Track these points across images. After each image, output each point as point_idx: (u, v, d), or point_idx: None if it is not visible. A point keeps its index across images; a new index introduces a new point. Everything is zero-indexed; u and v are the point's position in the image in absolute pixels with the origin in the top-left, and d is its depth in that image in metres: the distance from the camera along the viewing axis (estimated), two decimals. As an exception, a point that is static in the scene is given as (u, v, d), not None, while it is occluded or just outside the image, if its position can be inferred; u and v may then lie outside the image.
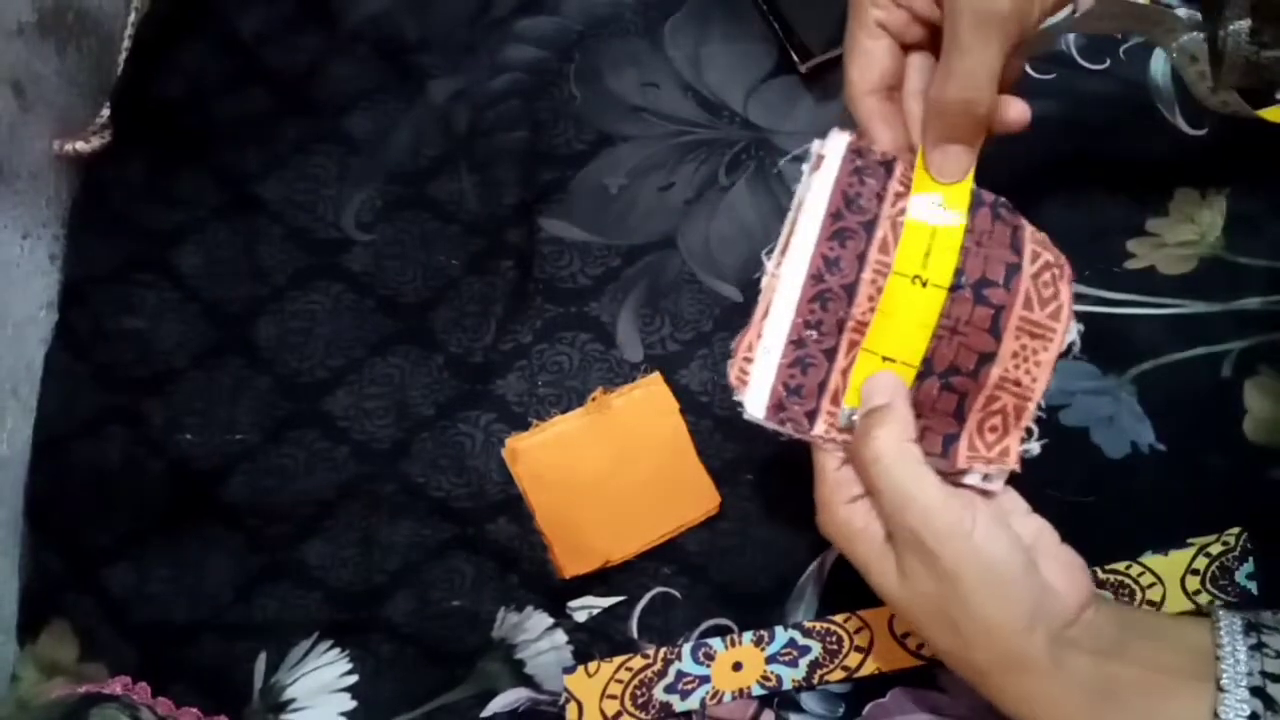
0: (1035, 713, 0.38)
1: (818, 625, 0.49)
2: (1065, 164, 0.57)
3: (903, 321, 0.36)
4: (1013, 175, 0.46)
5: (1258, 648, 0.38)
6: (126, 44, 0.61)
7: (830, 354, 0.36)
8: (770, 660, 0.49)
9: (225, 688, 0.51)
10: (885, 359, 0.36)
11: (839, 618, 0.49)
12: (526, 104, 0.60)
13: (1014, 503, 0.40)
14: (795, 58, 0.60)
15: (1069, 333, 0.37)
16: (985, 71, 0.38)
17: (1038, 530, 0.40)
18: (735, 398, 0.38)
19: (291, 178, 0.60)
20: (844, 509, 0.39)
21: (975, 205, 0.37)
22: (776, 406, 0.37)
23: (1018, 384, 0.35)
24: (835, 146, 0.37)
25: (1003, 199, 0.38)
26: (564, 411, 0.54)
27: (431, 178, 0.59)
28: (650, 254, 0.57)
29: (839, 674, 0.48)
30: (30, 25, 0.56)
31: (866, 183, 0.36)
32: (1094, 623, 0.39)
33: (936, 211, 0.35)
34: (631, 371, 0.55)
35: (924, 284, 0.35)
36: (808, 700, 0.49)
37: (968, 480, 0.37)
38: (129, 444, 0.55)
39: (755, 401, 0.37)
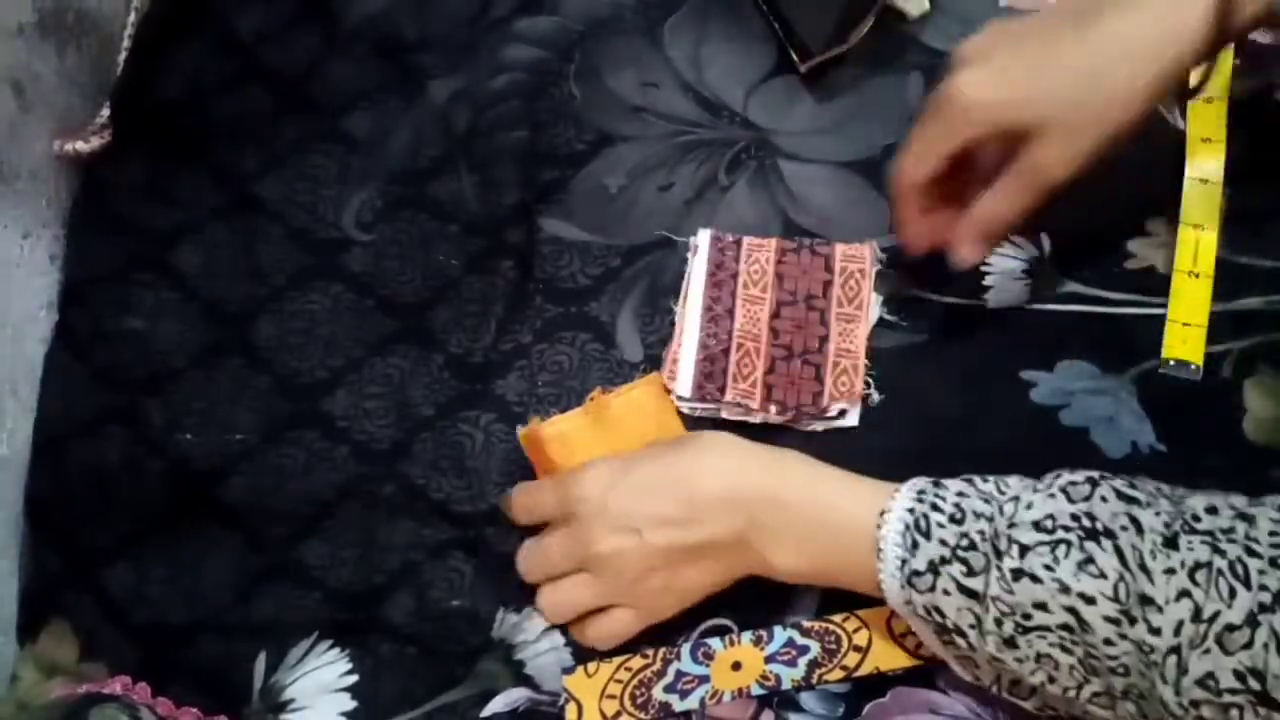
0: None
1: (816, 625, 0.49)
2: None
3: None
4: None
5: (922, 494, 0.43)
6: (126, 44, 0.61)
7: (725, 353, 0.54)
8: (769, 660, 0.49)
9: (225, 688, 0.51)
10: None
11: (838, 617, 0.49)
12: (526, 104, 0.60)
13: None
14: (795, 57, 0.60)
15: (873, 309, 0.55)
16: (1020, 212, 0.47)
17: None
18: (670, 388, 0.54)
19: (291, 177, 0.60)
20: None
21: (798, 248, 0.56)
22: (698, 387, 0.54)
23: (848, 352, 0.54)
24: (704, 239, 0.57)
25: (817, 239, 0.57)
26: (564, 411, 0.54)
27: (431, 178, 0.59)
28: (650, 254, 0.57)
29: (838, 673, 0.48)
30: (30, 25, 0.56)
31: (726, 254, 0.56)
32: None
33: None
34: (631, 371, 0.55)
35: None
36: (807, 700, 0.49)
37: (832, 411, 0.53)
38: (128, 444, 0.55)
39: (683, 388, 0.54)
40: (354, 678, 0.51)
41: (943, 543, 0.41)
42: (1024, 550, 0.39)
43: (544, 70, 0.61)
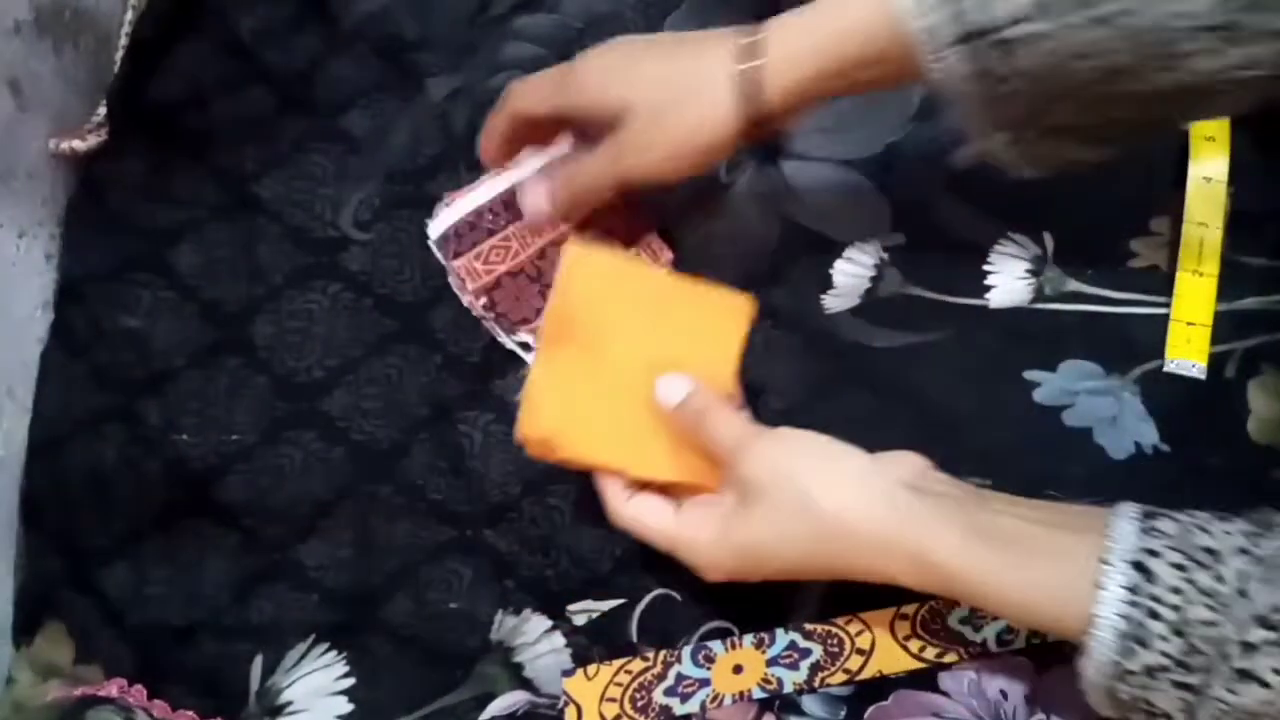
0: (922, 548, 0.40)
1: (819, 627, 0.49)
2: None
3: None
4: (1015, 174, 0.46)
5: (1149, 531, 0.39)
6: (123, 42, 0.61)
7: (490, 233, 0.55)
8: (771, 663, 0.48)
9: (222, 690, 0.51)
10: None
11: (840, 620, 0.49)
12: (526, 102, 0.60)
13: None
14: (796, 56, 0.59)
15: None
16: (593, 183, 0.50)
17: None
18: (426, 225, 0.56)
19: (289, 177, 0.60)
20: (630, 504, 0.46)
21: None
22: (446, 238, 0.55)
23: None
24: (565, 142, 0.55)
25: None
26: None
27: (430, 176, 0.59)
28: (650, 253, 0.57)
29: (840, 676, 0.48)
30: (27, 24, 0.56)
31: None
32: (943, 479, 0.43)
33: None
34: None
35: None
36: (809, 703, 0.48)
37: (521, 336, 0.54)
38: (125, 444, 0.55)
39: (436, 228, 0.55)
40: (351, 680, 0.51)
41: (1164, 655, 0.37)
42: (1249, 649, 0.37)
43: (543, 68, 0.61)
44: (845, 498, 0.42)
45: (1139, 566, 0.38)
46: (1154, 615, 0.37)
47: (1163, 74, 0.40)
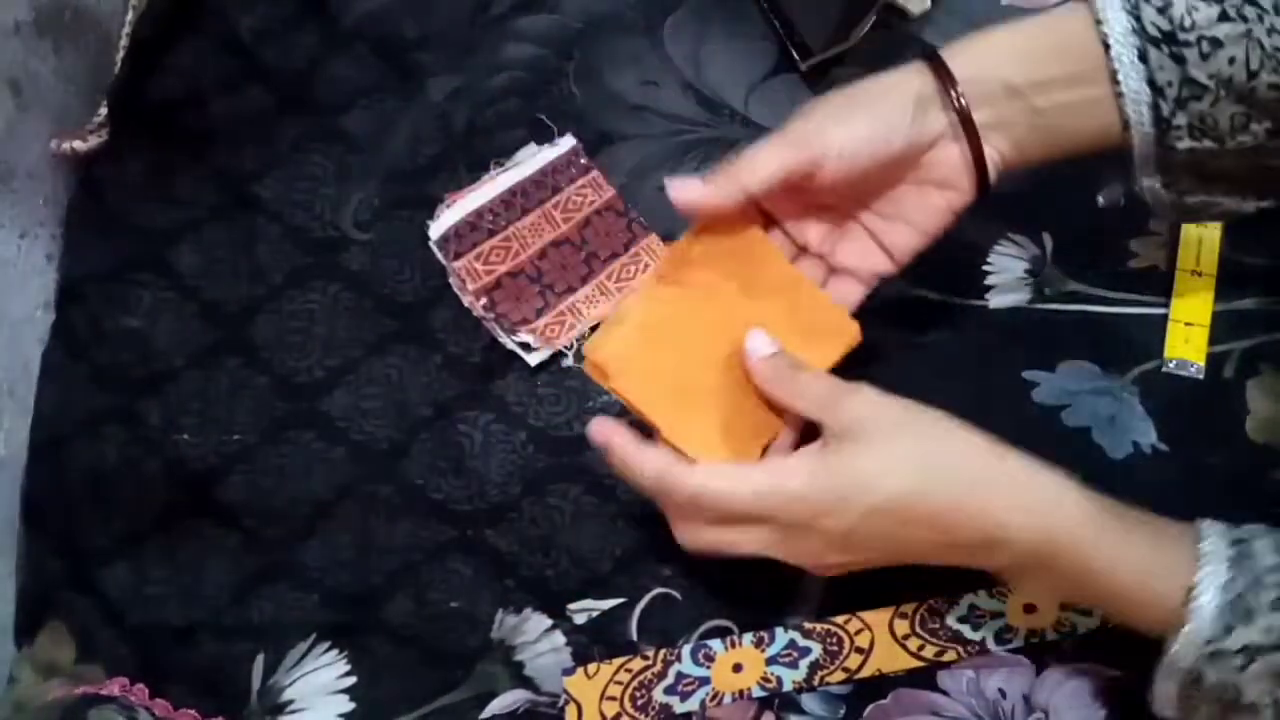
0: (1037, 504, 0.39)
1: (818, 626, 0.49)
2: (1067, 162, 0.57)
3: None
4: (1016, 174, 0.46)
5: (1238, 527, 0.39)
6: (124, 42, 0.61)
7: (491, 233, 0.56)
8: (770, 661, 0.49)
9: (223, 689, 0.51)
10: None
11: (839, 619, 0.49)
12: (526, 102, 0.60)
13: None
14: (796, 56, 0.59)
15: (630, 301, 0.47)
16: (772, 171, 0.43)
17: None
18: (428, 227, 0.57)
19: (289, 177, 0.60)
20: (698, 471, 0.42)
21: (623, 214, 0.57)
22: (446, 238, 0.56)
23: (579, 313, 0.56)
24: (566, 142, 0.58)
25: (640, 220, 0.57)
26: (562, 411, 0.54)
27: (430, 176, 0.59)
28: (650, 253, 0.57)
29: (839, 675, 0.48)
30: (27, 24, 0.56)
31: (570, 169, 0.57)
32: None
33: None
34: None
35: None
36: (808, 702, 0.49)
37: (521, 336, 0.54)
38: (126, 444, 0.55)
39: (437, 229, 0.56)
40: (352, 679, 0.51)
41: (1268, 630, 0.36)
42: None
43: (543, 68, 0.61)
44: (961, 434, 0.40)
45: (1238, 543, 0.38)
46: (1257, 586, 0.36)
47: None
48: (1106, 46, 0.41)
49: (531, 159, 0.58)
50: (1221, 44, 0.40)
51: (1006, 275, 0.56)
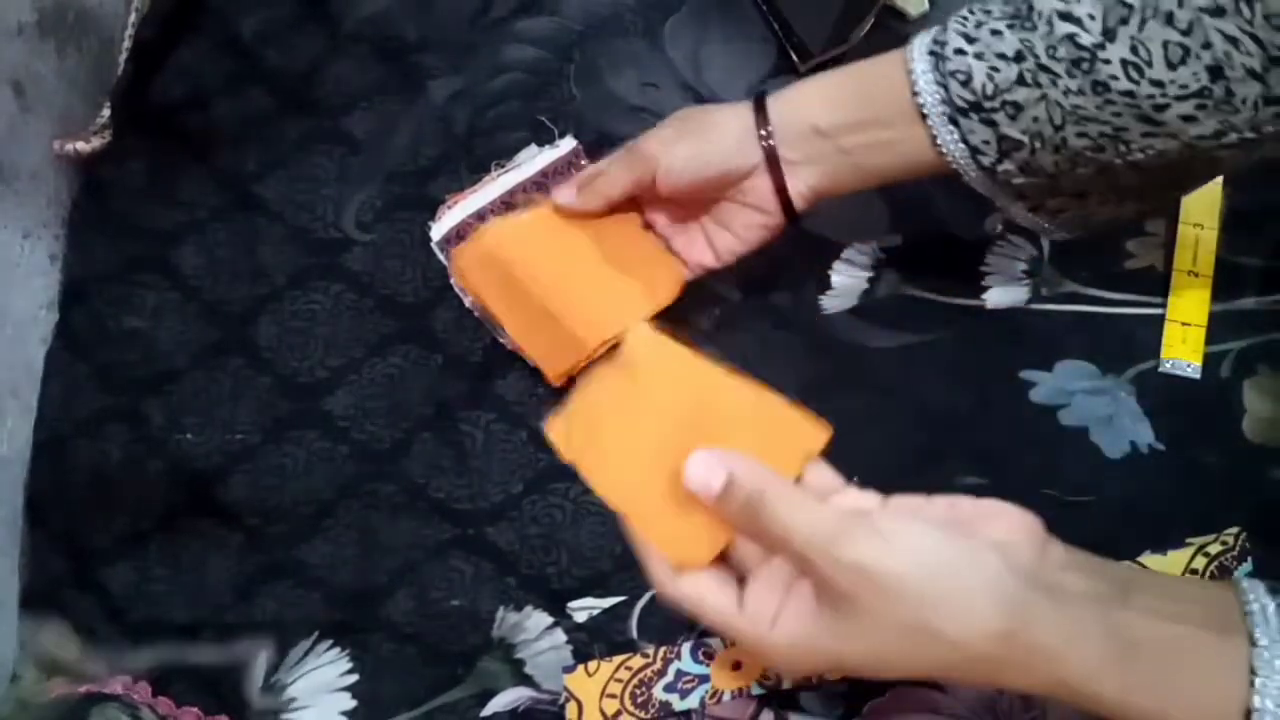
0: (1054, 669, 0.34)
1: (817, 625, 0.49)
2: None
3: None
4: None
5: None
6: (127, 44, 0.61)
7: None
8: (770, 660, 0.49)
9: (225, 687, 0.51)
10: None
11: (838, 617, 0.49)
12: (526, 104, 0.60)
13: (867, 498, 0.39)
14: (794, 57, 0.60)
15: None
16: (618, 183, 0.50)
17: (928, 502, 0.37)
18: (429, 228, 0.57)
19: (291, 178, 0.60)
20: (683, 582, 0.38)
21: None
22: (448, 239, 0.56)
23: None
24: (567, 144, 0.59)
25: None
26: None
27: (431, 177, 0.59)
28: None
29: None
30: (30, 25, 0.56)
31: (570, 170, 0.57)
32: (1072, 563, 0.36)
33: None
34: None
35: None
36: (807, 699, 0.49)
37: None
38: (129, 444, 0.55)
39: (439, 230, 0.56)
40: (354, 677, 0.51)
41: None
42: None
43: (544, 70, 0.61)
44: (970, 623, 0.34)
45: None
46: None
47: (1150, 140, 0.42)
48: (923, 115, 0.45)
49: (532, 160, 0.58)
50: (1022, 107, 0.43)
51: (1004, 275, 0.56)
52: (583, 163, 0.58)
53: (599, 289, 0.51)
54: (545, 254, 0.51)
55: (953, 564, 0.35)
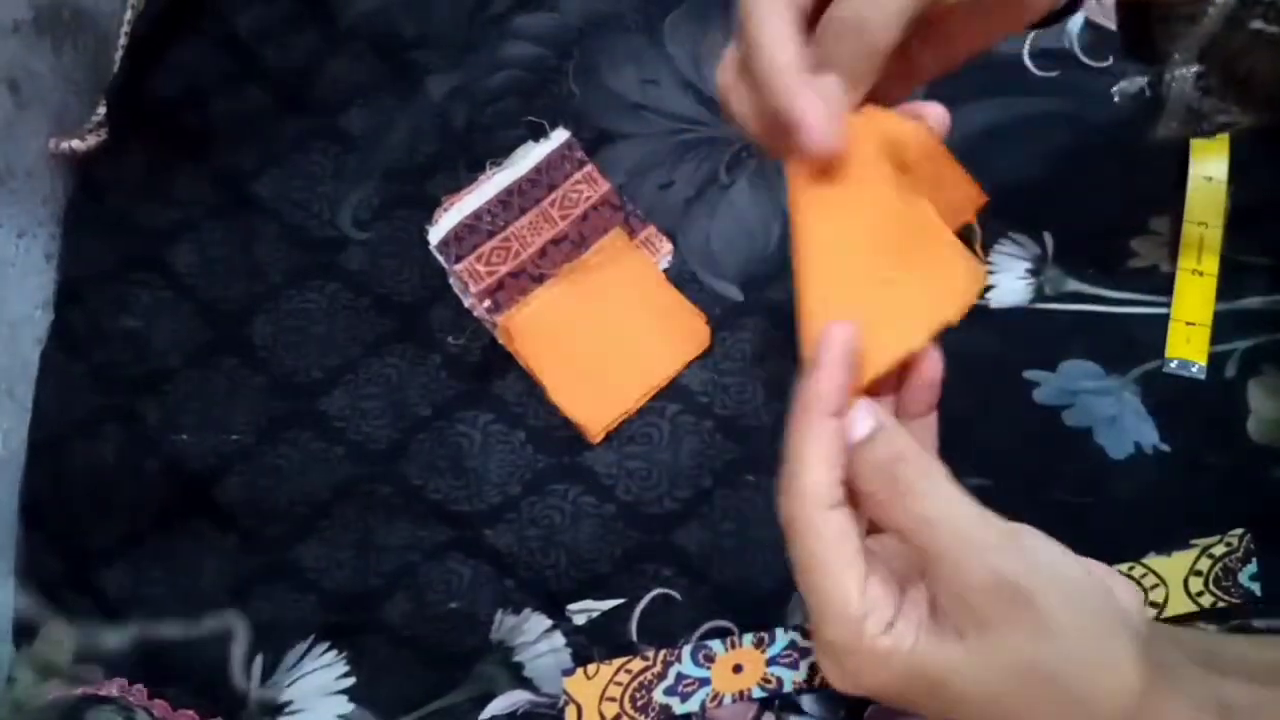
0: None
1: (818, 627, 0.49)
2: (1068, 161, 0.57)
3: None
4: (1016, 172, 0.46)
5: None
6: (122, 42, 0.61)
7: (490, 234, 0.56)
8: (771, 662, 0.48)
9: (222, 690, 0.51)
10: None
11: (839, 619, 0.49)
12: (525, 101, 0.60)
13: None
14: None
15: None
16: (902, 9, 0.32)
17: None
18: (427, 231, 0.56)
19: (288, 176, 0.60)
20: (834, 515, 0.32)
21: (620, 208, 0.57)
22: (447, 242, 0.56)
23: None
24: (559, 136, 0.58)
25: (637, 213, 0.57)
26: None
27: (429, 175, 0.59)
28: (650, 253, 0.57)
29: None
30: (26, 23, 0.56)
31: (565, 164, 0.57)
32: (1165, 630, 0.34)
33: None
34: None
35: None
36: (808, 703, 0.48)
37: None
38: (124, 444, 0.55)
39: (437, 234, 0.56)
40: (351, 680, 0.51)
41: None
42: None
43: (543, 67, 0.61)
44: (1107, 680, 0.30)
45: None
46: None
47: None
48: None
49: (526, 156, 0.58)
50: None
51: (1007, 274, 0.55)
52: (577, 155, 0.58)
53: (635, 344, 0.54)
54: (582, 318, 0.54)
55: (1093, 604, 0.30)
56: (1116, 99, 0.51)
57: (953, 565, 0.30)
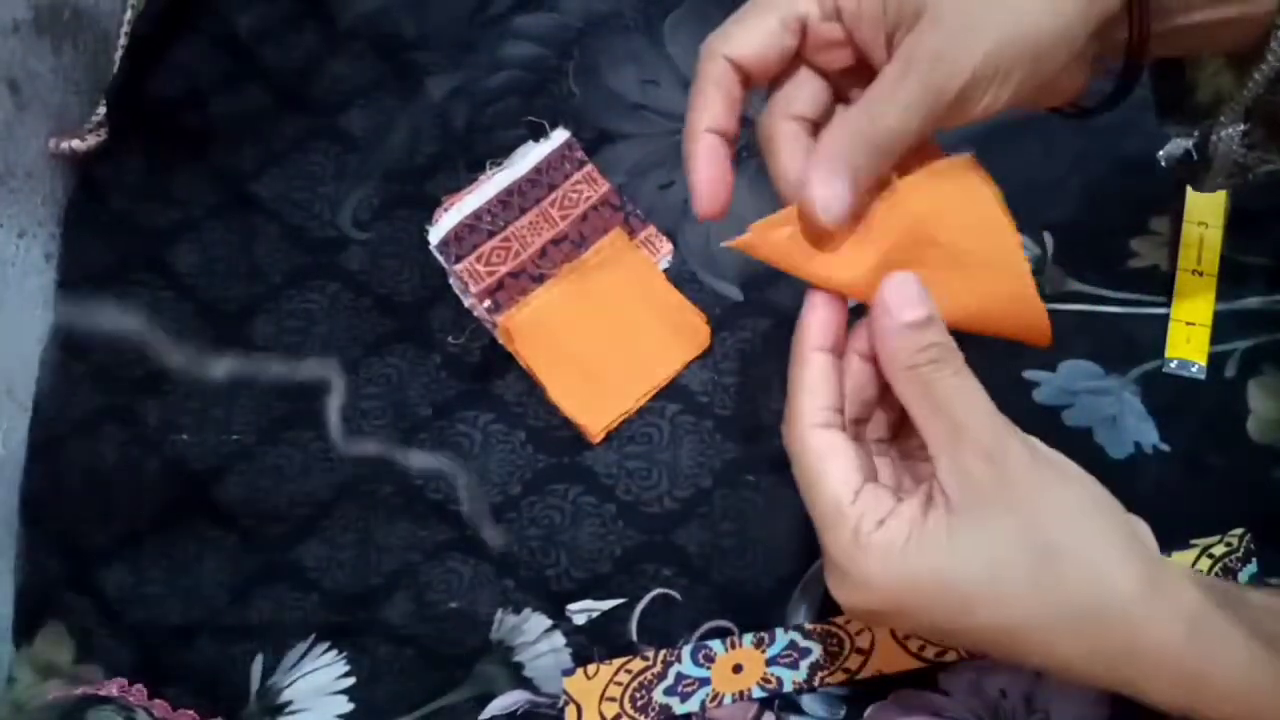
0: (1204, 673, 0.32)
1: (819, 627, 0.49)
2: (1069, 162, 0.57)
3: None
4: (1016, 172, 0.46)
5: None
6: (122, 41, 0.61)
7: (491, 234, 0.56)
8: (771, 662, 0.48)
9: (222, 690, 0.51)
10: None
11: (840, 619, 0.49)
12: (525, 101, 0.60)
13: None
14: (796, 55, 0.59)
15: None
16: (919, 119, 0.34)
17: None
18: (427, 231, 0.56)
19: (288, 176, 0.60)
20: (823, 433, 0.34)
21: (620, 207, 0.57)
22: (447, 241, 0.55)
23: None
24: (559, 136, 0.58)
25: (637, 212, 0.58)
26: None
27: (429, 175, 0.59)
28: (650, 253, 0.57)
29: (840, 676, 0.48)
30: (26, 23, 0.56)
31: (565, 164, 0.58)
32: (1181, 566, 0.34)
33: None
34: (631, 371, 0.55)
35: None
36: (808, 702, 0.48)
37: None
38: (124, 444, 0.55)
39: (436, 234, 0.56)
40: (351, 680, 0.51)
41: None
42: None
43: (543, 67, 0.61)
44: (1119, 559, 0.32)
45: None
46: None
47: None
48: None
49: (526, 156, 0.58)
50: None
51: (1007, 275, 0.55)
52: (577, 155, 0.58)
53: (635, 344, 0.54)
54: (582, 318, 0.55)
55: (1107, 511, 0.34)
56: (1163, 163, 0.51)
57: (966, 454, 0.32)
